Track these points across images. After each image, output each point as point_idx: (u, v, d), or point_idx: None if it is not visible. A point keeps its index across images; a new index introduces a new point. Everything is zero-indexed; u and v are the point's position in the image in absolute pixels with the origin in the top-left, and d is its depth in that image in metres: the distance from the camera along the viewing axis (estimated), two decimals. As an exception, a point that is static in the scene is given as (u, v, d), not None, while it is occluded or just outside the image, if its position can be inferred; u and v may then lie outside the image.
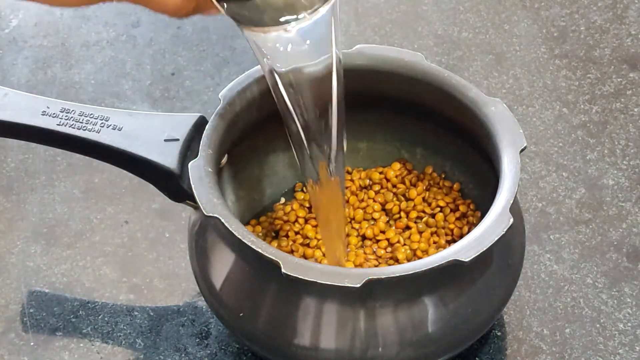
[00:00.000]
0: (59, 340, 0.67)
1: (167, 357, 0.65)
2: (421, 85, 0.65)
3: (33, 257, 0.71)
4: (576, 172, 0.75)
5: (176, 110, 0.81)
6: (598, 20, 0.87)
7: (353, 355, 0.57)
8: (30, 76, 0.84)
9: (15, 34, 0.88)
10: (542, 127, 0.79)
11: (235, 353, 0.65)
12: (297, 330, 0.58)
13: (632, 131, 0.78)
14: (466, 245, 0.55)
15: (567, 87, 0.82)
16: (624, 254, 0.70)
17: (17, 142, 0.77)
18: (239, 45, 0.86)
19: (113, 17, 0.89)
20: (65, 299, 0.69)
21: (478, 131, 0.62)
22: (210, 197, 0.58)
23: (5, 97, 0.65)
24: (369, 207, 0.69)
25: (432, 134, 0.69)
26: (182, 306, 0.68)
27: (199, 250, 0.62)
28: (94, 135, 0.63)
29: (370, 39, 0.86)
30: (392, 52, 0.66)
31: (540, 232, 0.71)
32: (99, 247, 0.72)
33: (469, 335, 0.60)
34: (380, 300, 0.57)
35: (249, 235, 0.56)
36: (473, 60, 0.84)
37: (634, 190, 0.74)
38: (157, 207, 0.73)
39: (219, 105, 0.62)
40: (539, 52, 0.85)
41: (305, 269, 0.55)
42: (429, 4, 0.90)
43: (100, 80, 0.84)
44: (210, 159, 0.60)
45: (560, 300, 0.68)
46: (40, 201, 0.74)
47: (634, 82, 0.82)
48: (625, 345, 0.65)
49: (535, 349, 0.65)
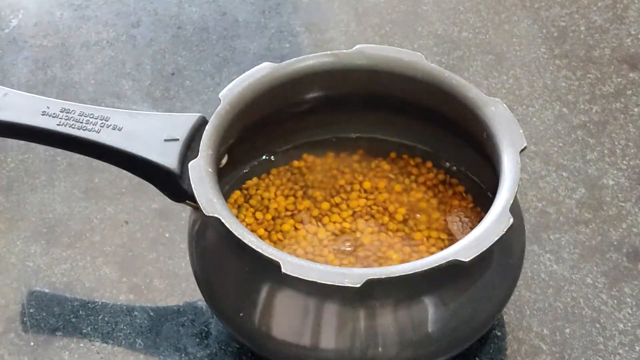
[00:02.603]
0: (59, 340, 0.67)
1: (167, 357, 0.65)
2: (421, 85, 0.65)
3: (33, 257, 0.71)
4: (576, 172, 0.75)
5: (176, 110, 0.81)
6: (598, 20, 0.87)
7: (353, 355, 0.57)
8: (30, 76, 0.84)
9: (15, 34, 0.88)
10: (542, 127, 0.79)
11: (235, 353, 0.65)
12: (297, 330, 0.58)
13: (632, 131, 0.78)
14: (466, 245, 0.55)
15: (567, 87, 0.82)
16: (624, 254, 0.70)
17: (17, 142, 0.77)
18: (239, 45, 0.86)
19: (113, 17, 0.89)
20: (65, 299, 0.69)
21: (478, 131, 0.62)
22: (210, 197, 0.58)
23: (5, 97, 0.65)
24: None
25: (432, 134, 0.69)
26: (182, 306, 0.68)
27: (199, 250, 0.62)
28: (94, 135, 0.63)
29: (370, 39, 0.86)
30: (392, 52, 0.66)
31: (540, 232, 0.71)
32: (99, 247, 0.72)
33: (469, 335, 0.60)
34: (380, 300, 0.57)
35: (249, 236, 0.56)
36: (473, 60, 0.84)
37: (634, 190, 0.74)
38: (157, 207, 0.73)
39: (219, 105, 0.62)
40: (539, 52, 0.85)
41: (305, 269, 0.55)
42: (429, 4, 0.90)
43: (100, 80, 0.84)
44: (210, 159, 0.60)
45: (560, 300, 0.68)
46: (40, 201, 0.74)
47: (634, 82, 0.82)
48: (625, 345, 0.65)
49: (535, 349, 0.65)
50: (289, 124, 0.69)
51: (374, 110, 0.69)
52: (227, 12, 0.88)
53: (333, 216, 0.67)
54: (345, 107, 0.69)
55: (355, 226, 0.68)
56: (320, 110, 0.69)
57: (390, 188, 0.70)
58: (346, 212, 0.68)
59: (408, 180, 0.70)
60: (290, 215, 0.67)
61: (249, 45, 0.86)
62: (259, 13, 0.89)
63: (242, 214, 0.67)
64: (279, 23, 0.88)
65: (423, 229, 0.67)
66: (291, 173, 0.70)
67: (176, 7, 0.90)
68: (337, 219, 0.67)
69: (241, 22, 0.88)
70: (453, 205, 0.68)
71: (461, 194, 0.69)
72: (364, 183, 0.70)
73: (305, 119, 0.69)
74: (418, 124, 0.69)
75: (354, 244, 0.67)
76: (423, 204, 0.69)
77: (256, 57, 0.85)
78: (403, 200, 0.69)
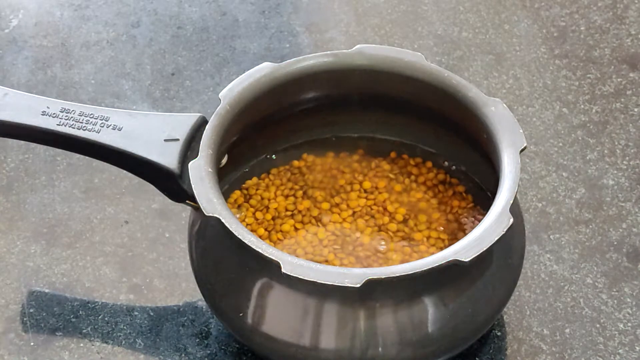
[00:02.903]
0: (59, 340, 0.67)
1: (167, 357, 0.65)
2: (421, 85, 0.65)
3: (33, 257, 0.71)
4: (576, 172, 0.75)
5: (176, 110, 0.81)
6: (598, 20, 0.87)
7: (353, 355, 0.58)
8: (30, 76, 0.84)
9: (15, 34, 0.88)
10: (542, 127, 0.79)
11: (235, 353, 0.65)
12: (297, 330, 0.58)
13: (632, 131, 0.78)
14: (466, 245, 0.55)
15: (567, 87, 0.82)
16: (624, 254, 0.70)
17: (17, 142, 0.77)
18: (239, 45, 0.86)
19: (113, 17, 0.89)
20: (65, 299, 0.69)
21: (478, 131, 0.62)
22: (210, 197, 0.58)
23: (5, 97, 0.65)
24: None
25: (432, 134, 0.69)
26: (182, 306, 0.68)
27: (199, 250, 0.62)
28: (94, 135, 0.63)
29: (370, 39, 0.86)
30: (392, 52, 0.66)
31: (540, 232, 0.71)
32: (99, 247, 0.72)
33: (469, 335, 0.60)
34: (380, 300, 0.57)
35: (249, 236, 0.56)
36: (473, 60, 0.84)
37: (634, 190, 0.74)
38: (157, 207, 0.73)
39: (219, 105, 0.62)
40: (539, 52, 0.85)
41: (305, 269, 0.55)
42: (429, 4, 0.90)
43: (100, 80, 0.84)
44: (210, 159, 0.60)
45: (560, 300, 0.68)
46: (40, 201, 0.75)
47: (634, 82, 0.82)
48: (625, 345, 0.65)
49: (535, 349, 0.65)
50: (289, 123, 0.69)
51: (374, 110, 0.69)
52: (227, 12, 0.88)
53: (333, 216, 0.67)
54: (345, 107, 0.69)
55: (355, 226, 0.68)
56: (320, 110, 0.69)
57: (390, 188, 0.70)
58: (346, 212, 0.68)
59: (408, 180, 0.70)
60: (290, 215, 0.67)
61: (249, 45, 0.86)
62: (259, 13, 0.89)
63: (242, 214, 0.67)
64: (279, 23, 0.88)
65: (423, 229, 0.67)
66: (291, 173, 0.70)
67: (176, 7, 0.90)
68: (337, 219, 0.67)
69: (241, 22, 0.88)
70: (453, 205, 0.68)
71: (461, 194, 0.69)
72: (364, 183, 0.70)
73: (305, 119, 0.69)
74: (418, 124, 0.69)
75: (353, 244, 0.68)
76: (423, 204, 0.69)
77: (256, 57, 0.85)
78: (403, 200, 0.69)
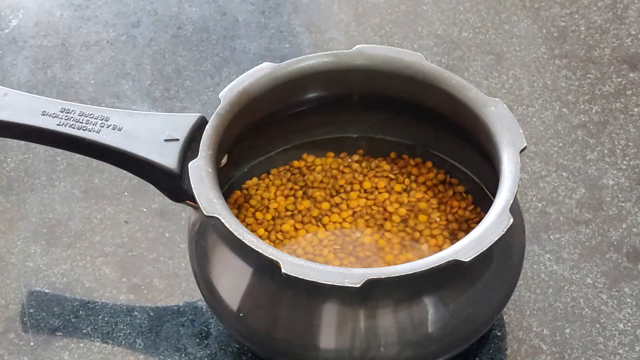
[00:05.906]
0: (59, 340, 0.67)
1: (167, 357, 0.65)
2: (421, 85, 0.65)
3: (33, 257, 0.71)
4: (576, 172, 0.75)
5: (176, 110, 0.81)
6: (598, 20, 0.87)
7: (353, 355, 0.58)
8: (30, 76, 0.84)
9: (15, 34, 0.88)
10: (542, 127, 0.79)
11: (235, 353, 0.65)
12: (297, 330, 0.58)
13: (632, 131, 0.78)
14: (466, 245, 0.55)
15: (567, 87, 0.82)
16: (624, 254, 0.70)
17: (17, 142, 0.77)
18: (239, 45, 0.86)
19: (113, 17, 0.89)
20: (65, 299, 0.69)
21: (478, 131, 0.62)
22: (210, 197, 0.58)
23: (5, 97, 0.65)
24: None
25: (432, 134, 0.69)
26: (182, 306, 0.68)
27: (199, 250, 0.62)
28: (94, 135, 0.63)
29: (370, 39, 0.86)
30: (392, 52, 0.66)
31: (540, 232, 0.71)
32: (99, 247, 0.72)
33: (469, 335, 0.60)
34: (380, 300, 0.57)
35: (248, 236, 0.56)
36: (473, 60, 0.84)
37: (634, 190, 0.74)
38: (157, 207, 0.74)
39: (219, 105, 0.62)
40: (539, 52, 0.85)
41: (305, 269, 0.55)
42: (429, 4, 0.90)
43: (100, 80, 0.84)
44: (210, 159, 0.60)
45: (560, 300, 0.68)
46: (40, 201, 0.75)
47: (634, 82, 0.82)
48: (625, 345, 0.65)
49: (535, 349, 0.65)
50: (289, 124, 0.69)
51: (374, 110, 0.69)
52: (227, 12, 0.89)
53: (333, 216, 0.67)
54: (345, 107, 0.69)
55: (355, 226, 0.68)
56: (320, 110, 0.69)
57: (390, 188, 0.70)
58: (346, 212, 0.68)
59: (408, 180, 0.70)
60: (290, 215, 0.67)
61: (249, 45, 0.86)
62: (259, 13, 0.89)
63: (242, 214, 0.67)
64: (279, 23, 0.88)
65: (423, 229, 0.67)
66: (291, 173, 0.70)
67: (176, 7, 0.90)
68: (337, 218, 0.67)
69: (241, 22, 0.88)
70: (453, 205, 0.68)
71: (461, 194, 0.69)
72: (364, 183, 0.70)
73: (305, 119, 0.69)
74: (418, 124, 0.69)
75: (353, 244, 0.68)
76: (423, 204, 0.69)
77: (256, 57, 0.85)
78: (403, 200, 0.69)
